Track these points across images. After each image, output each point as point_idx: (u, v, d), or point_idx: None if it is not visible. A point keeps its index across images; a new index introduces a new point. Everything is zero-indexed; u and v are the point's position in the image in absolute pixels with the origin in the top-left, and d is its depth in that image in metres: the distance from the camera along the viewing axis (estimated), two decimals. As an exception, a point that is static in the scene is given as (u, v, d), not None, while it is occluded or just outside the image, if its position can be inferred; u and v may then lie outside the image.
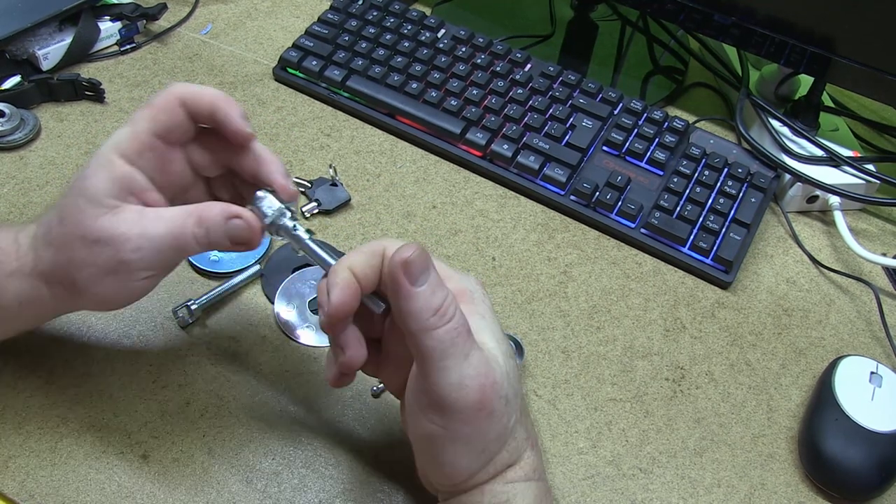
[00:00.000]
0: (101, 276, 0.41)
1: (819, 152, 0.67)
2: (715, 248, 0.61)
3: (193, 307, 0.53)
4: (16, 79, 0.67)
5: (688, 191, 0.64)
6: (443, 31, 0.74)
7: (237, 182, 0.47)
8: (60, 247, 0.41)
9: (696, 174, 0.65)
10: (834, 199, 0.66)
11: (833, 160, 0.66)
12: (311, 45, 0.71)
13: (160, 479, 0.46)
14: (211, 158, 0.45)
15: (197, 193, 0.46)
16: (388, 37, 0.72)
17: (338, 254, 0.42)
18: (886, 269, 0.64)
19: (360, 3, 0.76)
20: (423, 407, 0.37)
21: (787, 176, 0.66)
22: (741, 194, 0.64)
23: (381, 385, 0.51)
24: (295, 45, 0.72)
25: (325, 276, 0.41)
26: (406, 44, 0.72)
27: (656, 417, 0.53)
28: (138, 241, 0.40)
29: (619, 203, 0.63)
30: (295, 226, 0.43)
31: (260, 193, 0.43)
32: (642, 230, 0.62)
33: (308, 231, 0.43)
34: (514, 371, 0.39)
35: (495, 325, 0.40)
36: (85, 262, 0.40)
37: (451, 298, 0.36)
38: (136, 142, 0.41)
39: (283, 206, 0.43)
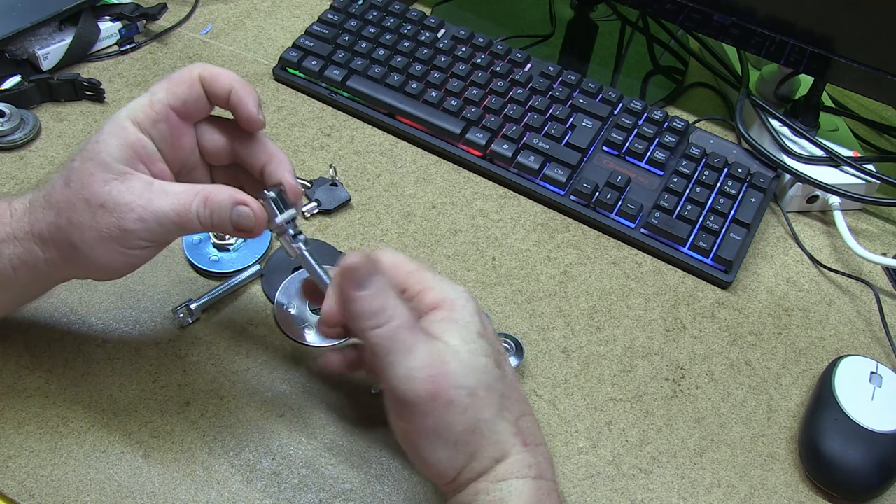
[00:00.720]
0: (101, 241, 0.41)
1: (819, 152, 0.67)
2: (715, 248, 0.61)
3: (193, 307, 0.53)
4: (16, 79, 0.67)
5: (688, 191, 0.64)
6: (443, 31, 0.74)
7: (241, 175, 0.47)
8: (63, 209, 0.41)
9: (696, 174, 0.65)
10: (834, 199, 0.66)
11: (833, 160, 0.66)
12: (311, 45, 0.71)
13: (160, 479, 0.46)
14: (221, 146, 0.45)
15: (200, 176, 0.46)
16: (388, 37, 0.72)
17: (336, 254, 0.43)
18: (886, 269, 0.64)
19: (360, 3, 0.76)
20: (390, 407, 0.40)
21: (787, 176, 0.66)
22: (741, 194, 0.64)
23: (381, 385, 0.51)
24: (295, 45, 0.72)
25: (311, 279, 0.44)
26: (406, 44, 0.72)
27: (656, 417, 0.53)
28: (142, 213, 0.41)
29: (619, 203, 0.63)
30: (298, 234, 0.45)
31: (271, 193, 0.44)
32: (642, 230, 0.62)
33: (305, 242, 0.45)
34: (487, 368, 0.39)
35: (470, 328, 0.40)
36: (86, 226, 0.41)
37: (395, 302, 0.38)
38: (151, 111, 0.42)
39: (293, 211, 0.44)
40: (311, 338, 0.54)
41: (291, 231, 0.44)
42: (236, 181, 0.47)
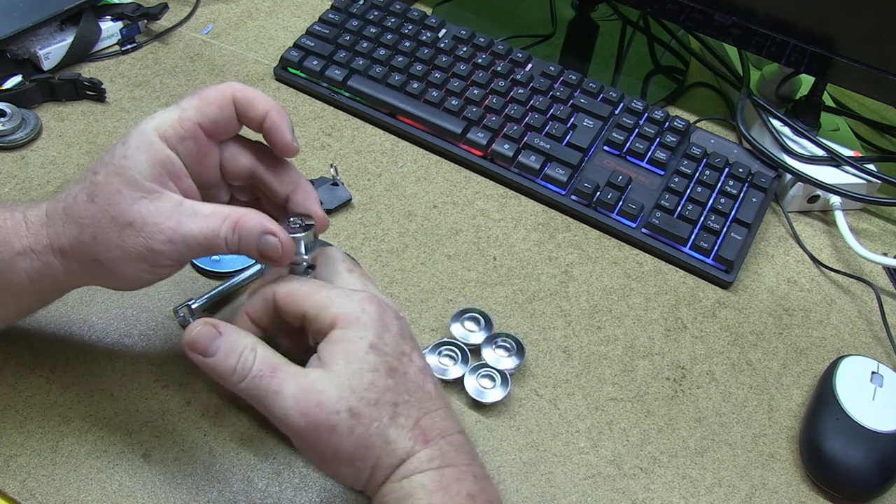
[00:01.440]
0: (127, 259, 0.41)
1: (820, 152, 0.67)
2: (716, 247, 0.61)
3: (194, 306, 0.53)
4: (17, 78, 0.67)
5: (689, 190, 0.64)
6: (444, 30, 0.74)
7: (261, 198, 0.47)
8: (87, 225, 0.41)
9: (697, 174, 0.65)
10: (835, 199, 0.66)
11: (834, 160, 0.66)
12: (312, 44, 0.72)
13: (161, 479, 0.46)
14: (244, 168, 0.44)
15: (218, 193, 0.46)
16: (389, 36, 0.72)
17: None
18: (887, 268, 0.64)
19: (361, 2, 0.76)
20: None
21: (788, 176, 0.66)
22: (742, 194, 0.64)
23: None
24: (296, 45, 0.72)
25: None
26: (407, 43, 0.72)
27: (657, 417, 0.53)
28: (170, 234, 0.40)
29: (620, 203, 0.63)
30: (310, 268, 0.45)
31: (301, 234, 0.44)
32: (643, 230, 0.62)
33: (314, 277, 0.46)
34: (374, 383, 0.39)
35: (361, 343, 0.40)
36: (113, 244, 0.40)
37: (247, 354, 0.40)
38: (180, 127, 0.41)
39: (319, 248, 0.45)
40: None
41: (306, 265, 0.45)
42: (254, 197, 0.47)
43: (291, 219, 0.44)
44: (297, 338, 0.46)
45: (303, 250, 0.44)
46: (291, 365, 0.40)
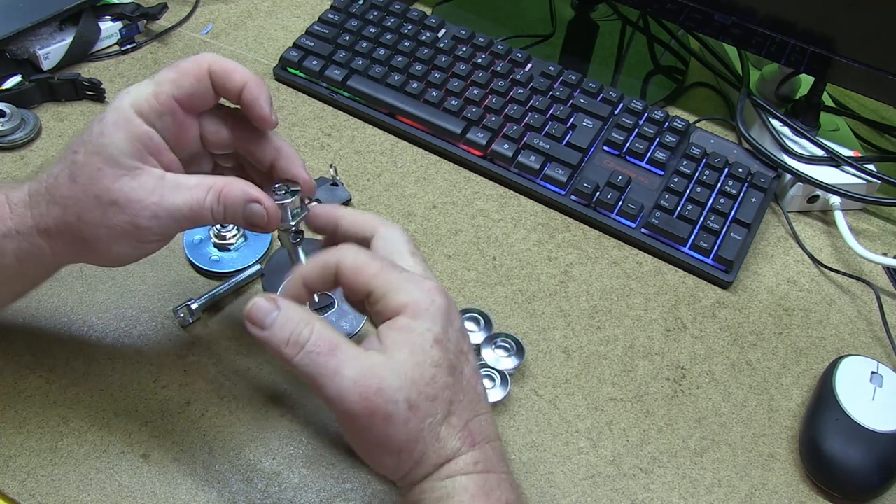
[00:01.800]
0: (113, 237, 0.41)
1: (820, 152, 0.67)
2: (715, 247, 0.61)
3: (194, 307, 0.53)
4: (16, 78, 0.67)
5: (688, 190, 0.64)
6: (443, 30, 0.74)
7: (245, 164, 0.46)
8: (70, 205, 0.41)
9: (697, 174, 0.65)
10: (834, 199, 0.66)
11: (834, 160, 0.66)
12: (312, 44, 0.71)
13: (161, 479, 0.46)
14: (225, 137, 0.44)
15: (204, 165, 0.46)
16: (388, 36, 0.72)
17: None
18: (887, 268, 0.64)
19: (361, 2, 0.76)
20: (335, 417, 0.40)
21: (788, 176, 0.66)
22: (742, 194, 0.64)
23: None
24: (295, 45, 0.72)
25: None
26: (406, 43, 0.72)
27: (657, 417, 0.53)
28: (155, 209, 0.40)
29: (620, 203, 0.63)
30: (300, 233, 0.45)
31: (287, 198, 0.43)
32: (643, 230, 0.62)
33: (301, 241, 0.45)
34: (435, 379, 0.39)
35: (427, 336, 0.39)
36: (98, 223, 0.40)
37: (303, 326, 0.38)
38: (157, 102, 0.41)
39: (305, 213, 0.44)
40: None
41: (294, 230, 0.45)
42: (238, 165, 0.47)
43: (276, 185, 0.44)
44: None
45: (289, 216, 0.44)
46: (351, 345, 0.39)
